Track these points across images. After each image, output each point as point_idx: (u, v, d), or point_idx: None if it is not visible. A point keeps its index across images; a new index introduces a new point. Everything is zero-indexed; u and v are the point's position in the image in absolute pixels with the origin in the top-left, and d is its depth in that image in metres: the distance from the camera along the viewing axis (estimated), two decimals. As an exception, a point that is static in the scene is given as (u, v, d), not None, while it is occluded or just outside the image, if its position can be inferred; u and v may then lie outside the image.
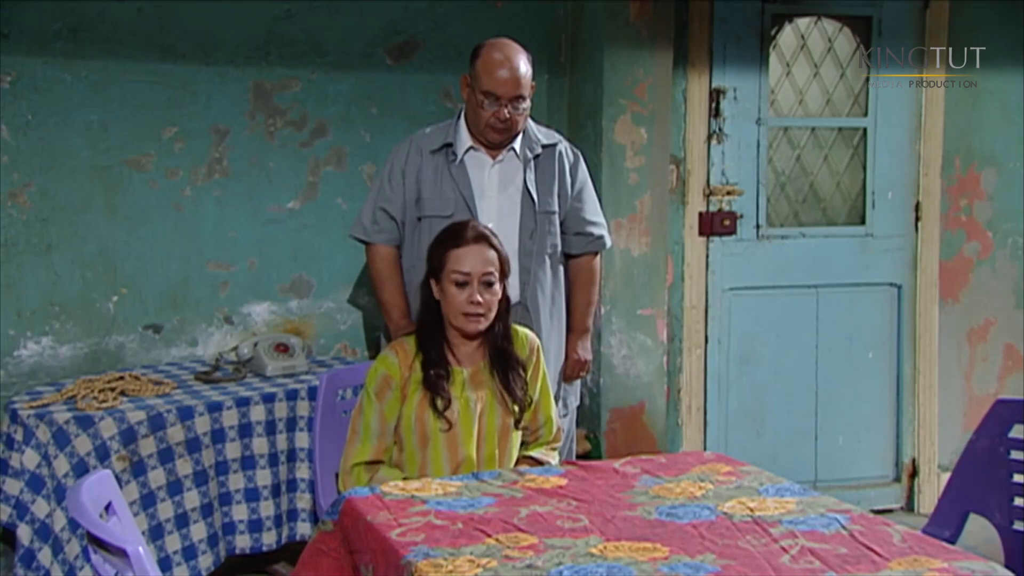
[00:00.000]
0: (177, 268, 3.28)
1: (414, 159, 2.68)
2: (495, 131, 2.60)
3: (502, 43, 2.63)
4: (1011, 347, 3.90)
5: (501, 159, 2.67)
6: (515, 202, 2.66)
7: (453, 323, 2.26)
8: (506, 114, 2.56)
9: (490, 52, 2.59)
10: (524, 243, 2.66)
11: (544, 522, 1.77)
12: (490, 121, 2.58)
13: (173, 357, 3.27)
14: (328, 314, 3.46)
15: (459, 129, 2.68)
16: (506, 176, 2.67)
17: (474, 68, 2.60)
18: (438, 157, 2.67)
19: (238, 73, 3.30)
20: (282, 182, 3.38)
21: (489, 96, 2.56)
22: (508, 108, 2.56)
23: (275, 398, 2.85)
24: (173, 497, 2.64)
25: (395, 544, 1.67)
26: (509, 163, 2.68)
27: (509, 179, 2.67)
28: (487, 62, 2.58)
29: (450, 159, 2.66)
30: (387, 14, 3.44)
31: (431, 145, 2.68)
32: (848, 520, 1.74)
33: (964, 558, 1.57)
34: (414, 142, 2.72)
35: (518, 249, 2.64)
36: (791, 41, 3.64)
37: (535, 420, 2.36)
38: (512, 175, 2.67)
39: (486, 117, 2.58)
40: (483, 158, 2.67)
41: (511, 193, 2.66)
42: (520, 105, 2.58)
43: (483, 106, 2.57)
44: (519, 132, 2.66)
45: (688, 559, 1.60)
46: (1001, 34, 3.71)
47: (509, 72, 2.56)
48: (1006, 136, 3.83)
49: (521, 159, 2.68)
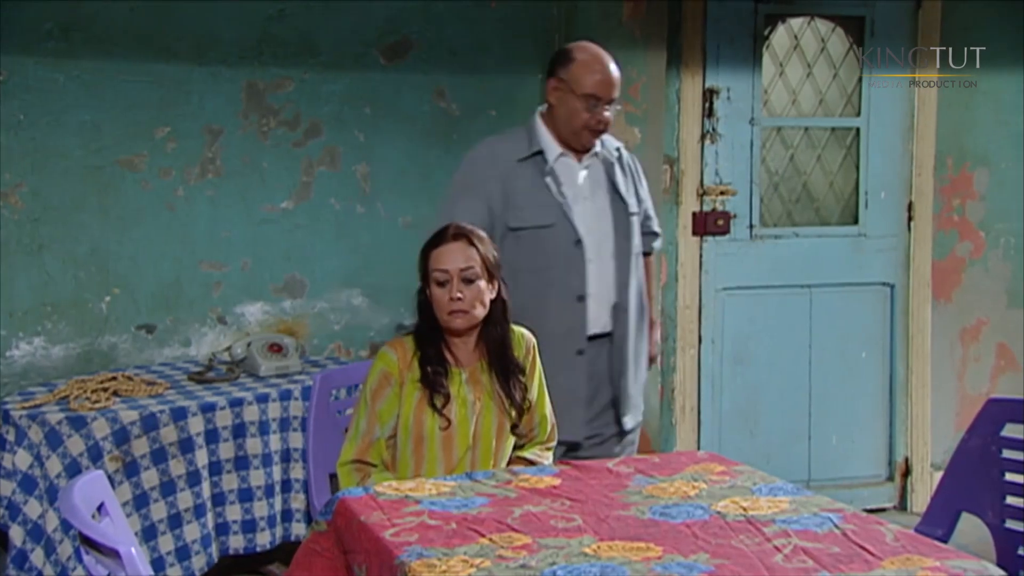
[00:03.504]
0: (170, 268, 3.27)
1: (496, 170, 2.59)
2: (592, 133, 2.57)
3: (592, 47, 2.61)
4: (1003, 347, 3.91)
5: (588, 164, 2.64)
6: (605, 205, 2.64)
7: (442, 323, 2.26)
8: (607, 116, 2.55)
9: (587, 56, 2.57)
10: (620, 245, 2.64)
11: (538, 522, 1.77)
12: (589, 124, 2.55)
13: (166, 357, 3.26)
14: (321, 314, 3.45)
15: (543, 135, 2.62)
16: (595, 180, 2.64)
17: (569, 71, 2.56)
18: (527, 166, 2.59)
19: (231, 73, 3.29)
20: (275, 182, 3.38)
21: (591, 99, 2.53)
22: (607, 110, 2.55)
23: (269, 398, 2.85)
24: (166, 497, 2.64)
25: (389, 544, 1.67)
26: (595, 167, 2.66)
27: (597, 183, 2.64)
28: (587, 65, 2.55)
29: (542, 167, 2.59)
30: (381, 14, 3.44)
31: (517, 154, 2.60)
32: (841, 519, 1.74)
33: (956, 557, 1.58)
34: (491, 152, 2.65)
35: (613, 251, 2.63)
36: (784, 41, 3.65)
37: (530, 420, 2.36)
38: (599, 178, 2.65)
39: (585, 120, 2.54)
40: (571, 163, 2.62)
41: (600, 197, 2.64)
42: (614, 106, 2.59)
43: (585, 109, 2.53)
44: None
45: (682, 559, 1.60)
46: (993, 34, 3.72)
47: (610, 74, 2.55)
48: (998, 136, 3.85)
49: (603, 162, 2.66)
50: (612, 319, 2.64)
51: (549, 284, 2.57)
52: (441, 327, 2.28)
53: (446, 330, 2.28)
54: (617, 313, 2.63)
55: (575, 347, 2.59)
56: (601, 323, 2.63)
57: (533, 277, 2.56)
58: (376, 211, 3.50)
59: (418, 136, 3.52)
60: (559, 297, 2.58)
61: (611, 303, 2.63)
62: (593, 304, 2.60)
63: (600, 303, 2.62)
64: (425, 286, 2.29)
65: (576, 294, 2.58)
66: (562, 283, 2.58)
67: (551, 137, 2.61)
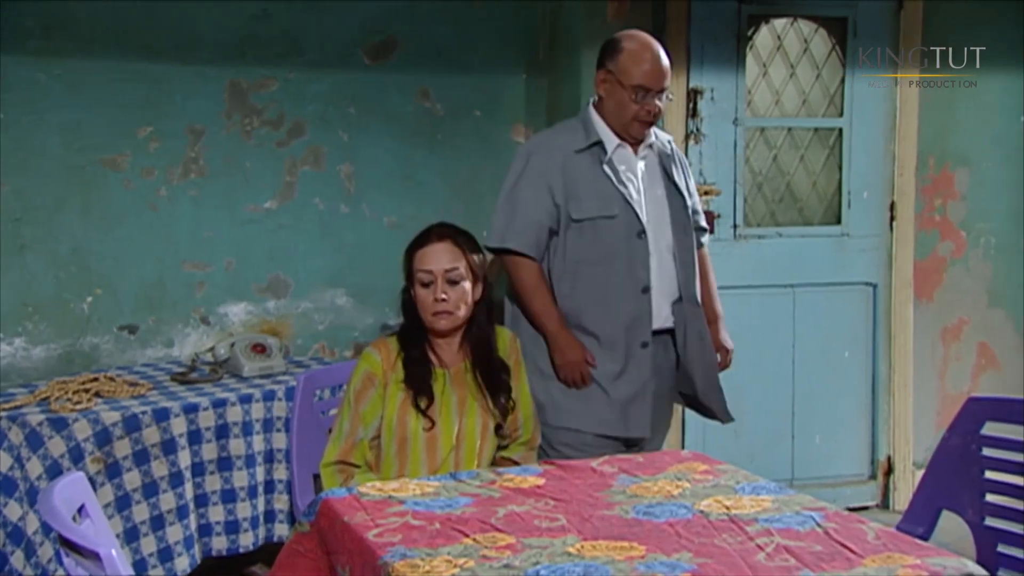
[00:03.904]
0: (153, 268, 3.26)
1: (555, 161, 2.55)
2: (643, 124, 2.54)
3: (641, 35, 2.58)
4: (984, 346, 3.94)
5: (644, 155, 2.62)
6: (662, 197, 2.61)
7: (426, 324, 2.26)
8: (657, 106, 2.52)
9: (635, 45, 2.53)
10: (679, 238, 2.61)
11: (521, 522, 1.77)
12: (639, 115, 2.52)
13: (149, 358, 3.25)
14: (305, 314, 3.44)
15: (599, 126, 2.58)
16: (652, 172, 2.62)
17: (617, 63, 2.53)
18: (585, 157, 2.56)
19: (215, 72, 3.28)
20: (259, 182, 3.36)
21: (640, 90, 2.50)
22: (657, 99, 2.52)
23: (252, 399, 2.84)
24: (149, 499, 2.62)
25: (372, 545, 1.67)
26: (651, 158, 2.64)
27: (655, 175, 2.62)
28: (635, 55, 2.51)
29: (601, 157, 2.56)
30: (365, 14, 3.43)
31: (574, 145, 2.56)
32: (823, 518, 1.75)
33: (936, 554, 1.59)
34: (548, 143, 2.61)
35: (673, 244, 2.59)
36: (767, 42, 3.66)
37: (514, 421, 2.37)
38: (655, 170, 2.63)
39: (635, 111, 2.51)
40: (628, 155, 2.59)
41: (658, 189, 2.61)
42: (664, 96, 2.55)
43: (634, 100, 2.50)
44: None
45: (665, 558, 1.60)
46: (974, 35, 3.74)
47: (659, 64, 2.52)
48: (979, 136, 3.87)
49: (658, 154, 2.64)
50: (673, 314, 2.61)
51: (613, 276, 2.54)
52: (425, 328, 2.28)
53: (430, 331, 2.28)
54: (679, 308, 2.60)
55: (640, 339, 2.56)
56: (663, 317, 2.60)
57: (596, 269, 2.54)
58: (360, 211, 3.49)
59: (403, 136, 3.52)
60: (623, 289, 2.54)
61: (672, 297, 2.60)
62: (656, 297, 2.57)
63: (662, 296, 2.59)
64: (409, 286, 2.30)
65: (641, 286, 2.55)
66: (627, 274, 2.54)
67: (607, 128, 2.57)
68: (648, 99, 2.50)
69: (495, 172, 3.63)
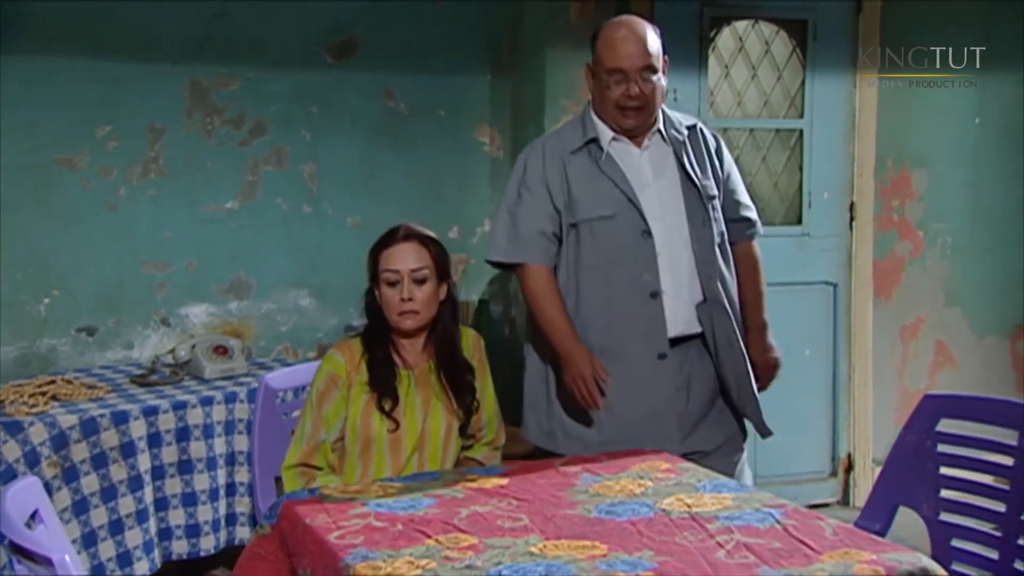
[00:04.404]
0: (111, 269, 3.21)
1: (553, 164, 2.37)
2: (627, 112, 2.31)
3: (622, 18, 2.39)
4: (941, 344, 4.01)
5: (648, 145, 2.38)
6: (676, 189, 2.35)
7: (392, 324, 2.26)
8: (636, 89, 2.29)
9: (609, 29, 2.34)
10: (697, 234, 2.35)
11: (484, 522, 1.77)
12: (620, 101, 2.30)
13: (108, 360, 3.20)
14: (268, 315, 3.42)
15: (594, 122, 2.38)
16: (658, 162, 2.37)
17: (595, 51, 2.35)
18: (581, 156, 2.37)
19: (174, 71, 3.24)
20: (220, 181, 3.33)
21: (615, 73, 2.29)
22: (637, 82, 2.29)
23: (213, 401, 2.81)
24: (107, 503, 2.58)
25: (333, 547, 1.66)
26: (657, 148, 2.39)
27: (662, 165, 2.37)
28: (608, 39, 2.32)
29: (596, 155, 2.36)
30: (327, 13, 3.41)
31: (569, 145, 2.38)
32: (782, 515, 1.77)
33: (892, 550, 1.61)
34: (545, 147, 2.41)
35: (690, 241, 2.34)
36: (729, 43, 3.70)
37: (478, 421, 2.36)
38: (664, 160, 2.37)
39: (615, 98, 2.30)
40: (629, 148, 2.36)
41: (668, 180, 2.36)
42: (650, 77, 2.31)
43: (610, 87, 2.30)
44: (655, 111, 2.36)
45: (626, 556, 1.61)
46: (931, 37, 3.81)
47: (633, 43, 2.29)
48: (936, 138, 3.94)
49: (669, 142, 2.39)
50: (700, 317, 2.35)
51: (617, 281, 2.32)
52: (390, 328, 2.27)
53: (395, 331, 2.27)
54: (705, 309, 2.35)
55: (655, 351, 2.32)
56: (682, 323, 2.34)
57: (598, 274, 2.32)
58: (324, 211, 3.47)
59: (366, 136, 3.50)
60: (629, 295, 2.32)
61: (695, 300, 2.35)
62: (670, 301, 2.33)
63: (679, 300, 2.33)
64: (374, 287, 2.28)
65: (649, 290, 2.32)
66: (632, 279, 2.31)
67: (604, 124, 2.38)
68: (626, 83, 2.29)
69: (460, 172, 3.63)
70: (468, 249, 3.65)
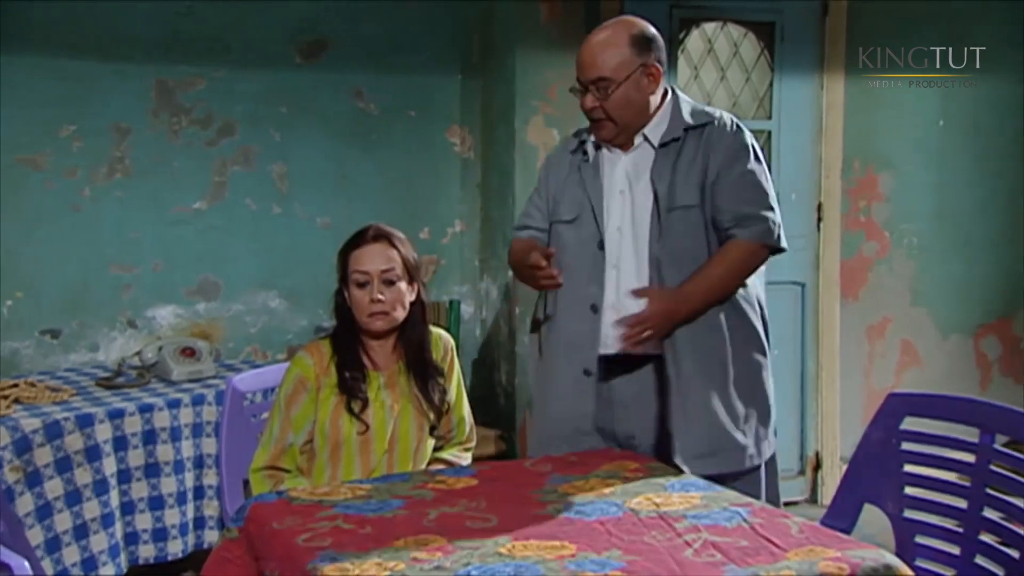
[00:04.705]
0: (76, 270, 3.17)
1: (557, 161, 2.35)
2: (594, 124, 2.21)
3: (602, 25, 2.24)
4: (907, 343, 4.06)
5: (634, 151, 2.24)
6: (647, 198, 2.19)
7: (362, 325, 2.24)
8: (587, 103, 2.17)
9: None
10: (657, 249, 2.17)
11: (453, 523, 1.77)
12: (586, 113, 2.21)
13: (72, 363, 3.16)
14: (237, 316, 3.39)
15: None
16: (637, 171, 2.22)
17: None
18: (576, 157, 2.30)
19: (140, 71, 3.21)
20: (188, 182, 3.30)
21: (577, 85, 2.20)
22: (594, 94, 2.16)
23: (181, 403, 2.78)
24: (71, 507, 2.55)
25: (300, 550, 1.64)
26: (641, 156, 2.23)
27: (640, 174, 2.22)
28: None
29: (583, 158, 2.28)
30: (296, 13, 3.39)
31: (571, 144, 2.34)
32: (749, 513, 1.78)
33: (856, 547, 1.63)
34: (560, 145, 2.42)
35: (648, 256, 2.18)
36: (698, 45, 3.72)
37: (448, 422, 2.36)
38: (643, 169, 2.22)
39: (583, 109, 2.21)
40: (615, 153, 2.25)
41: (642, 190, 2.20)
42: (607, 88, 2.15)
43: (579, 96, 2.20)
44: (629, 121, 2.19)
45: (595, 555, 1.62)
46: (896, 39, 3.86)
47: (585, 54, 2.17)
48: (902, 139, 3.99)
49: (655, 148, 2.21)
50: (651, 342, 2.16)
51: (566, 288, 2.19)
52: (359, 330, 2.26)
53: (365, 332, 2.26)
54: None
55: (581, 365, 2.21)
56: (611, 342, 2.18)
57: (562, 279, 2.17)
58: (293, 211, 3.45)
59: (336, 136, 3.48)
60: (572, 305, 2.22)
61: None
62: (609, 317, 2.18)
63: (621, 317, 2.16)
64: (344, 287, 2.27)
65: (590, 302, 2.20)
66: (577, 288, 2.20)
67: None
68: (585, 94, 2.18)
69: (430, 172, 3.62)
70: (439, 250, 3.65)
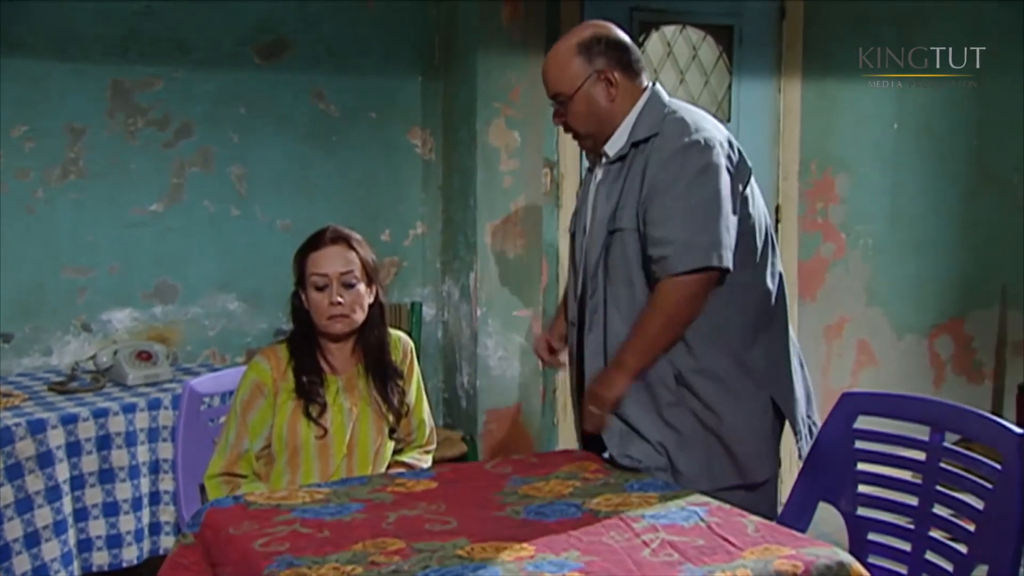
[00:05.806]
0: (29, 273, 3.11)
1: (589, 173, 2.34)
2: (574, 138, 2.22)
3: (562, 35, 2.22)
4: (863, 343, 4.13)
5: (603, 168, 2.20)
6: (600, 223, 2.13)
7: (320, 328, 2.23)
8: (555, 119, 2.19)
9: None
10: (588, 271, 2.13)
11: (412, 526, 1.77)
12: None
13: (25, 367, 3.10)
14: (195, 320, 3.35)
15: None
16: (607, 188, 2.15)
17: None
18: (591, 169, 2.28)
19: (95, 70, 3.15)
20: (144, 184, 3.26)
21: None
22: (557, 110, 2.17)
23: (136, 408, 2.74)
24: (22, 515, 2.50)
25: (257, 555, 1.63)
26: (609, 170, 2.17)
27: (610, 191, 2.13)
28: None
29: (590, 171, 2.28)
30: (255, 13, 3.36)
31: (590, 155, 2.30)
32: (706, 512, 1.80)
33: (811, 545, 1.65)
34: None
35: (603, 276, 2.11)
36: (658, 48, 3.75)
37: (408, 424, 2.35)
38: (610, 185, 2.14)
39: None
40: (603, 169, 2.19)
41: (601, 210, 2.14)
42: (565, 103, 2.13)
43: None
44: (598, 133, 2.15)
45: (553, 557, 1.62)
46: (852, 43, 3.92)
47: (543, 68, 2.18)
48: (858, 142, 4.06)
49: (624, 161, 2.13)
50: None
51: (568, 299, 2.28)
52: (317, 333, 2.25)
53: (324, 335, 2.24)
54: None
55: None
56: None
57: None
58: (252, 213, 3.41)
59: (296, 137, 3.46)
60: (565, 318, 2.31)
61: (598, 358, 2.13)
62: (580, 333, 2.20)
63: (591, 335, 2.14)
64: (301, 290, 2.25)
65: (570, 318, 2.28)
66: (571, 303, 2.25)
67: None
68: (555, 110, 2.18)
69: (391, 174, 3.61)
70: (400, 251, 3.64)
